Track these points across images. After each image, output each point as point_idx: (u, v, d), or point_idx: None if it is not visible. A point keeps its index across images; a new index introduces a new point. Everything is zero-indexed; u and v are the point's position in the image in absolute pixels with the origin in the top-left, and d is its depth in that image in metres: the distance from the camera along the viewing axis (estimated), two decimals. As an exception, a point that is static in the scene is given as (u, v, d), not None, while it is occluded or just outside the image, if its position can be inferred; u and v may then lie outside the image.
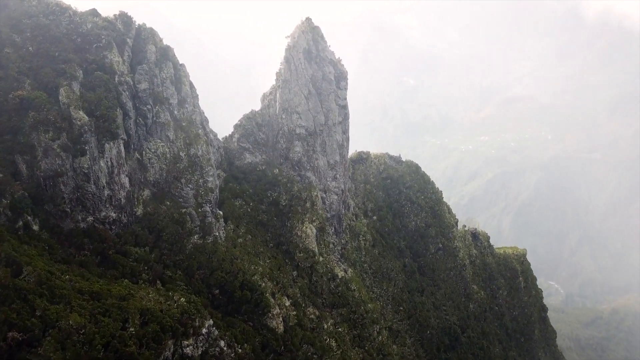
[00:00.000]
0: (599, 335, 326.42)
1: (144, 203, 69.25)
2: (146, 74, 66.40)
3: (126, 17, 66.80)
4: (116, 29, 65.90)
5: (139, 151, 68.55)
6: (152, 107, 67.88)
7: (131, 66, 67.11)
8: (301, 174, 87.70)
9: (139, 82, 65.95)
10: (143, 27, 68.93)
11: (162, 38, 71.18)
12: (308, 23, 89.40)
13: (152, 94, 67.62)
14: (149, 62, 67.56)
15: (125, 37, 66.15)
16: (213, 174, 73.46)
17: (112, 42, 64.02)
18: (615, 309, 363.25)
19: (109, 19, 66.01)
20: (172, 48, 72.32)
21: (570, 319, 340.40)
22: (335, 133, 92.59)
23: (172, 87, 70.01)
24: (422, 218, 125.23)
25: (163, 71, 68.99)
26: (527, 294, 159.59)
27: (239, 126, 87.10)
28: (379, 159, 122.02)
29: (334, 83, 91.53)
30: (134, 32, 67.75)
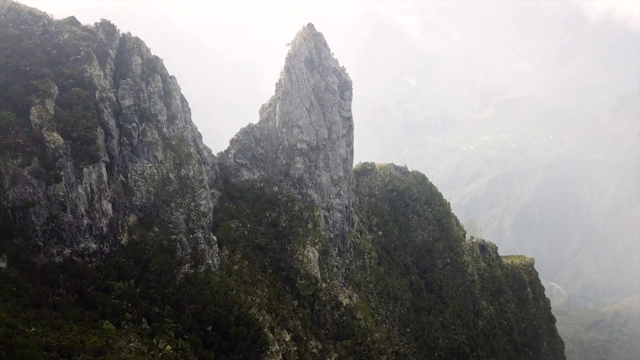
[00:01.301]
0: (602, 338, 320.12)
1: (130, 230, 62.12)
2: (131, 88, 59.18)
3: (108, 25, 59.50)
4: (97, 39, 58.69)
5: (124, 173, 61.42)
6: (138, 125, 60.70)
7: (114, 80, 59.90)
8: (302, 192, 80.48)
9: (123, 97, 58.74)
10: (128, 37, 61.60)
11: (150, 48, 63.88)
12: (310, 29, 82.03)
13: (138, 110, 60.41)
14: (134, 76, 60.31)
15: (107, 48, 58.91)
16: (206, 197, 66.25)
17: (92, 53, 56.79)
18: (618, 312, 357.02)
19: (89, 27, 58.81)
20: (161, 59, 65.04)
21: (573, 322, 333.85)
22: (339, 147, 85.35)
23: (161, 102, 62.78)
24: (429, 232, 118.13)
25: (150, 85, 61.76)
26: (536, 305, 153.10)
27: (235, 141, 79.80)
28: (384, 170, 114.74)
29: (338, 94, 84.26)
30: (117, 42, 60.47)
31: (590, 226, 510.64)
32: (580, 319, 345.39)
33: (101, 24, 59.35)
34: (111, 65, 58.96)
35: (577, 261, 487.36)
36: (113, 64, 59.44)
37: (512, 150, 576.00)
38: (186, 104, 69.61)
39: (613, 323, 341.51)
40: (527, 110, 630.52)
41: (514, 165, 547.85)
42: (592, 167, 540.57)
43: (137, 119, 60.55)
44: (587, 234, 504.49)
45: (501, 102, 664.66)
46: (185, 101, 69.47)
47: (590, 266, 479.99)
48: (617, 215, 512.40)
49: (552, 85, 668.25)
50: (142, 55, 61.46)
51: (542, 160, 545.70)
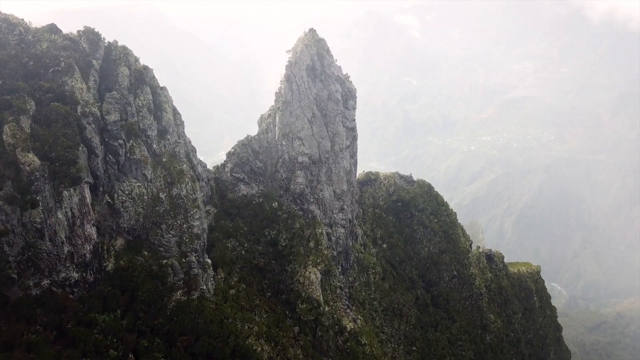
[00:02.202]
0: (604, 340, 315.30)
1: (117, 255, 56.80)
2: (117, 102, 53.77)
3: (92, 33, 53.97)
4: (80, 49, 53.20)
5: (110, 194, 56.06)
6: (125, 141, 55.28)
7: (99, 93, 54.47)
8: (304, 208, 75.05)
9: (108, 112, 53.33)
10: (114, 45, 56.10)
11: (138, 57, 58.36)
12: (312, 35, 76.48)
13: (125, 126, 54.99)
14: (120, 88, 54.87)
15: (90, 58, 53.42)
16: (200, 217, 60.86)
17: (73, 64, 51.32)
18: (621, 314, 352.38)
19: (70, 36, 53.29)
20: (151, 69, 59.59)
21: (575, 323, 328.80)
22: (343, 159, 79.88)
23: (150, 116, 57.35)
24: (435, 243, 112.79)
25: (139, 98, 56.32)
26: (542, 314, 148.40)
27: (232, 154, 74.29)
28: (389, 180, 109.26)
29: (341, 103, 78.77)
30: (102, 51, 54.98)
31: (592, 227, 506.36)
32: (582, 321, 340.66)
33: (84, 32, 53.80)
34: (95, 77, 53.49)
35: (578, 262, 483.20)
36: (97, 75, 53.96)
37: (513, 151, 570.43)
38: (179, 116, 64.15)
39: (615, 325, 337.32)
40: (528, 111, 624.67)
41: (515, 166, 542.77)
42: (593, 167, 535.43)
43: (124, 135, 55.13)
44: (589, 235, 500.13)
45: (502, 102, 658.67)
46: (178, 114, 64.01)
47: (591, 267, 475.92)
48: (619, 216, 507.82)
49: (553, 85, 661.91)
50: (129, 66, 55.98)
51: (543, 161, 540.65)
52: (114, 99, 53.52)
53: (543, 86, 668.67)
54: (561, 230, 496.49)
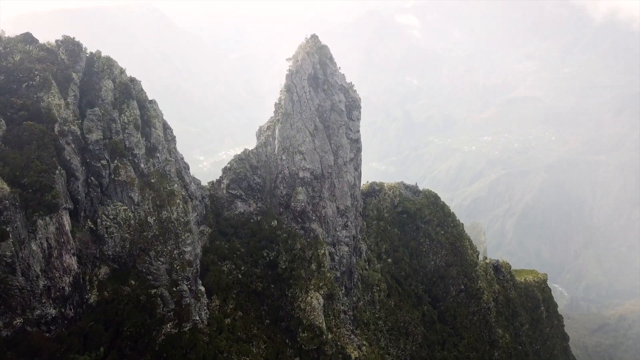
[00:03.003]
0: (607, 342, 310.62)
1: (100, 286, 51.41)
2: (99, 119, 48.32)
3: (72, 43, 48.43)
4: (58, 61, 47.69)
5: (93, 219, 50.67)
6: (109, 161, 49.84)
7: (80, 109, 49.03)
8: (305, 227, 69.61)
9: (90, 130, 47.88)
10: (97, 56, 50.59)
11: (125, 68, 52.83)
12: (314, 42, 70.86)
13: (109, 144, 49.57)
14: (104, 103, 49.40)
15: (70, 71, 47.92)
16: (192, 242, 55.45)
17: (50, 78, 45.86)
18: (623, 315, 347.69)
19: (47, 46, 47.78)
20: (139, 81, 54.11)
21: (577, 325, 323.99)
22: (347, 173, 74.41)
23: (137, 133, 51.88)
24: (442, 256, 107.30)
25: (124, 113, 50.84)
26: (549, 324, 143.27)
27: (228, 170, 68.70)
28: (394, 190, 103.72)
29: (345, 113, 73.24)
30: (83, 63, 49.47)
31: (593, 227, 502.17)
32: (584, 322, 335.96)
33: (63, 42, 48.24)
34: (75, 91, 47.99)
35: (580, 263, 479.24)
36: (77, 90, 48.46)
37: (514, 151, 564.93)
38: (170, 131, 58.66)
39: (617, 327, 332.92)
40: (529, 111, 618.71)
41: (516, 166, 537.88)
42: (594, 168, 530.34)
43: (107, 154, 49.67)
44: (590, 236, 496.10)
45: (503, 102, 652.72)
46: (169, 128, 58.53)
47: (592, 268, 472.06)
48: (620, 217, 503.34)
49: (554, 86, 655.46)
50: (114, 78, 50.47)
51: (544, 161, 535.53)
52: (96, 116, 48.04)
53: (544, 86, 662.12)
54: (562, 231, 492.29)
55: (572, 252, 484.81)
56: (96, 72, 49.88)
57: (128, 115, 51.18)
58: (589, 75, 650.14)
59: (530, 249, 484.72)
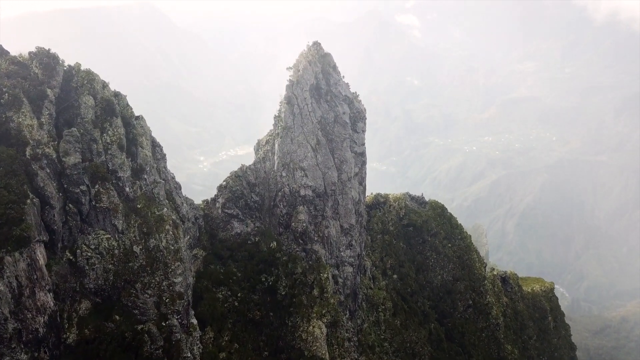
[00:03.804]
0: (609, 345, 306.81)
1: (80, 323, 46.02)
2: (77, 141, 42.92)
3: (47, 56, 42.91)
4: (30, 76, 42.25)
5: (72, 250, 45.28)
6: (90, 187, 44.47)
7: (56, 129, 43.64)
8: (306, 248, 64.26)
9: (67, 153, 42.48)
10: (76, 69, 45.10)
11: (108, 82, 47.38)
12: (316, 50, 65.37)
13: (90, 168, 44.19)
14: (83, 122, 44.01)
15: (44, 86, 42.48)
16: (183, 272, 50.11)
17: (21, 96, 40.46)
18: (625, 317, 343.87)
19: (19, 59, 42.30)
20: (124, 96, 48.69)
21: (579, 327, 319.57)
22: (351, 189, 69.03)
23: (122, 154, 46.49)
24: (449, 271, 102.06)
25: (107, 133, 45.45)
26: (557, 335, 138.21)
27: (224, 188, 63.25)
28: (399, 202, 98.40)
29: (349, 126, 67.84)
30: (60, 78, 43.98)
31: (594, 228, 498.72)
32: (586, 324, 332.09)
33: (36, 54, 42.71)
34: (50, 110, 42.57)
35: (581, 264, 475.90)
36: (53, 108, 43.03)
37: (515, 151, 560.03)
38: (159, 149, 53.25)
39: (620, 329, 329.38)
40: (530, 111, 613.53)
41: (517, 167, 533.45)
42: (596, 168, 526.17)
43: (87, 179, 44.28)
44: (591, 236, 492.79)
45: (504, 102, 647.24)
46: (158, 146, 53.11)
47: (594, 269, 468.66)
48: (621, 217, 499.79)
49: (555, 86, 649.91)
50: (95, 94, 45.01)
51: (545, 162, 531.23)
52: (74, 137, 42.61)
53: (545, 86, 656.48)
54: (563, 232, 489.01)
55: (573, 252, 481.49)
56: (75, 88, 44.40)
57: (111, 135, 45.78)
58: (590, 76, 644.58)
59: (531, 250, 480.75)
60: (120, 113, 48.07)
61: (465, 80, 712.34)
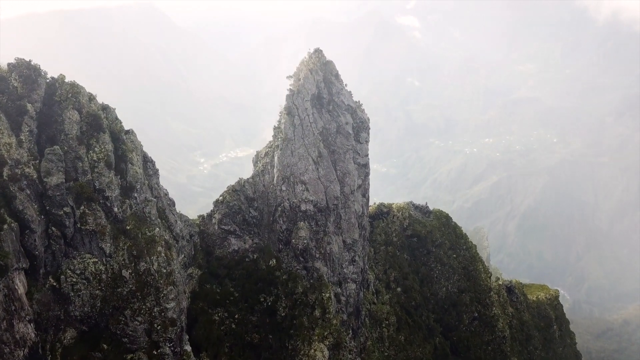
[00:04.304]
0: (610, 348, 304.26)
1: (65, 354, 42.76)
2: (60, 159, 39.56)
3: (27, 67, 39.49)
4: (9, 89, 38.88)
5: (55, 275, 41.97)
6: (74, 208, 41.10)
7: (38, 147, 40.24)
8: (307, 266, 60.90)
9: (49, 173, 39.10)
10: (60, 82, 41.66)
11: (95, 94, 43.96)
12: (318, 57, 61.92)
13: (74, 188, 40.84)
14: (67, 139, 40.63)
15: (24, 101, 39.10)
16: (176, 296, 46.75)
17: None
18: (627, 320, 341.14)
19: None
20: (113, 109, 45.32)
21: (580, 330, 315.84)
22: (354, 202, 65.68)
23: (110, 172, 43.10)
24: (454, 282, 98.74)
25: (93, 149, 42.06)
26: (562, 344, 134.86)
27: (220, 203, 59.85)
28: (403, 212, 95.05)
29: (352, 136, 64.46)
30: (42, 91, 40.58)
31: (595, 230, 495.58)
32: (587, 327, 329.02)
33: (16, 66, 39.26)
34: (31, 126, 39.20)
35: (582, 265, 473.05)
36: (34, 124, 39.66)
37: (516, 153, 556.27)
38: (151, 165, 49.83)
39: (621, 332, 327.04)
40: (530, 112, 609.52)
41: (518, 168, 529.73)
42: (597, 170, 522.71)
43: (72, 200, 40.91)
44: (592, 238, 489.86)
45: (504, 103, 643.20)
46: (150, 161, 49.68)
47: (595, 270, 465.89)
48: (623, 219, 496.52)
49: (556, 87, 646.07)
50: (80, 108, 41.59)
51: (546, 163, 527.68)
52: (57, 155, 39.24)
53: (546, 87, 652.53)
54: (564, 234, 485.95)
55: (574, 254, 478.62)
56: (58, 102, 40.99)
57: (98, 152, 42.37)
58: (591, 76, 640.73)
59: (532, 252, 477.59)
60: (109, 128, 44.69)
61: (466, 81, 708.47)
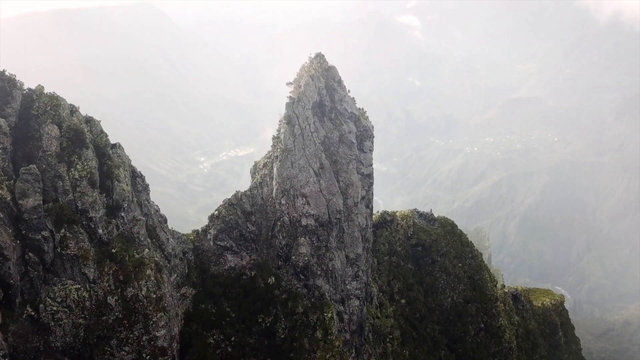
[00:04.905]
0: (612, 348, 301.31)
1: (46, 389, 38.94)
2: (37, 179, 35.80)
3: (1, 79, 35.70)
4: (-21, 103, 35.06)
5: (34, 304, 38.22)
6: (54, 232, 37.33)
7: (14, 165, 36.42)
8: (308, 284, 57.15)
9: (24, 195, 35.34)
10: (37, 94, 37.86)
11: (78, 106, 40.19)
12: (319, 63, 58.04)
13: (54, 209, 37.12)
14: (46, 156, 36.87)
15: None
16: (167, 323, 43.02)
17: (-34, 128, 33.18)
18: (628, 321, 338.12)
19: (-35, 83, 35.06)
20: (98, 121, 41.58)
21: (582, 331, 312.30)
22: (357, 215, 61.91)
23: (94, 191, 39.35)
24: (459, 292, 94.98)
25: (75, 167, 38.32)
26: (567, 350, 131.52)
27: (216, 217, 56.01)
28: (407, 220, 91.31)
29: (356, 145, 60.64)
30: (17, 104, 36.81)
31: (596, 230, 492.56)
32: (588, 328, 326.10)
33: (-12, 77, 35.60)
34: (4, 143, 35.46)
35: (583, 265, 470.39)
36: (9, 140, 35.90)
37: (517, 152, 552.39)
38: (140, 180, 46.05)
39: (622, 332, 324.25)
40: (531, 112, 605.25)
41: (519, 168, 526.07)
42: (598, 169, 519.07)
43: (51, 223, 37.16)
44: (593, 238, 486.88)
45: (505, 103, 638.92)
46: (139, 177, 45.90)
47: (596, 270, 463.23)
48: (624, 219, 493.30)
49: (556, 86, 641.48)
50: (60, 122, 37.84)
51: (547, 163, 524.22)
52: (33, 175, 35.49)
53: (546, 87, 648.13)
54: (565, 234, 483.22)
55: (575, 254, 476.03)
56: (36, 116, 37.22)
57: (80, 169, 38.61)
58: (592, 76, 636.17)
59: (532, 252, 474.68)
60: (93, 142, 40.91)
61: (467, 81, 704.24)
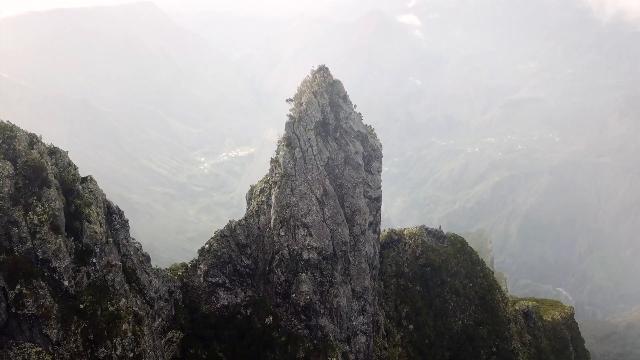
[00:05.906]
0: (615, 352, 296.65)
1: None
2: (-17, 229, 29.12)
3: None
4: None
5: (-15, 374, 31.61)
6: (7, 289, 30.78)
7: (-45, 210, 29.77)
8: (310, 324, 50.59)
9: (-33, 248, 28.69)
10: (-13, 123, 31.32)
11: (40, 135, 33.66)
12: (323, 77, 51.36)
13: (6, 263, 30.57)
14: (-5, 199, 30.21)
15: None
16: (147, 386, 36.41)
17: None
18: (631, 323, 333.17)
19: None
20: (65, 152, 35.06)
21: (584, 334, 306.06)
22: (365, 244, 55.34)
23: (57, 236, 32.81)
24: (470, 314, 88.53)
25: (34, 210, 31.74)
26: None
27: (207, 251, 49.34)
28: (415, 239, 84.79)
29: (363, 167, 54.06)
30: (-41, 137, 30.22)
31: (598, 230, 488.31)
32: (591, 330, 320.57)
33: None
34: (-59, 186, 28.82)
35: (584, 266, 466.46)
36: (-52, 182, 29.28)
37: (518, 153, 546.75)
38: (117, 217, 39.42)
39: (626, 335, 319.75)
40: (532, 112, 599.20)
41: (520, 168, 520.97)
42: (599, 170, 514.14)
43: (2, 278, 30.61)
44: (595, 239, 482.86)
45: (506, 103, 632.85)
46: (116, 212, 39.27)
47: (597, 271, 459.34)
48: (625, 219, 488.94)
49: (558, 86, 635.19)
50: (15, 158, 31.29)
51: (548, 163, 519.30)
52: (-23, 225, 28.90)
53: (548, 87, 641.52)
54: (567, 234, 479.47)
55: (576, 255, 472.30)
56: (-17, 151, 30.70)
57: (40, 212, 32.06)
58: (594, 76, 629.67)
59: (534, 252, 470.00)
60: (58, 177, 34.34)
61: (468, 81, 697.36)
